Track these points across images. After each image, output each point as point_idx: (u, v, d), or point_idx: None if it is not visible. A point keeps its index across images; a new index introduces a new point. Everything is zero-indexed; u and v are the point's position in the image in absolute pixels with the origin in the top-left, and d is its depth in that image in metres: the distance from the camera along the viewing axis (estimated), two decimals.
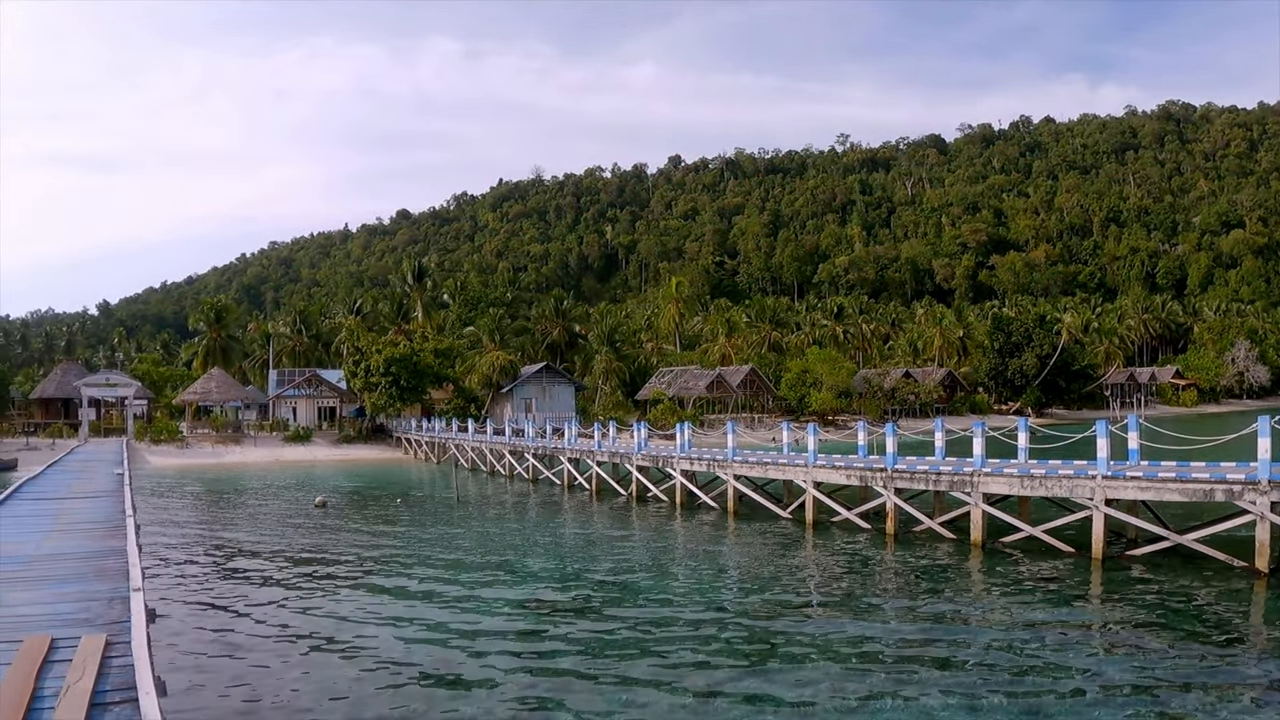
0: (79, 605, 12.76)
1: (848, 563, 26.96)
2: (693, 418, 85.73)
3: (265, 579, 26.02)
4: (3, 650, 10.28)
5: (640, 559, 28.83)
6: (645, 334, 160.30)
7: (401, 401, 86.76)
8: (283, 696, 15.27)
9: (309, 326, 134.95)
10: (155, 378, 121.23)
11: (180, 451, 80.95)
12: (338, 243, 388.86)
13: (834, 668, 16.13)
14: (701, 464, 40.51)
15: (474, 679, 16.03)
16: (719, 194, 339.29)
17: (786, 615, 20.36)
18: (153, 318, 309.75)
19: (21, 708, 8.25)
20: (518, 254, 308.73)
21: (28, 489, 31.96)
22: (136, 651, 9.76)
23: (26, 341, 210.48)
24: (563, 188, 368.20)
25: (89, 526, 21.52)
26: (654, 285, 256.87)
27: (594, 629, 19.41)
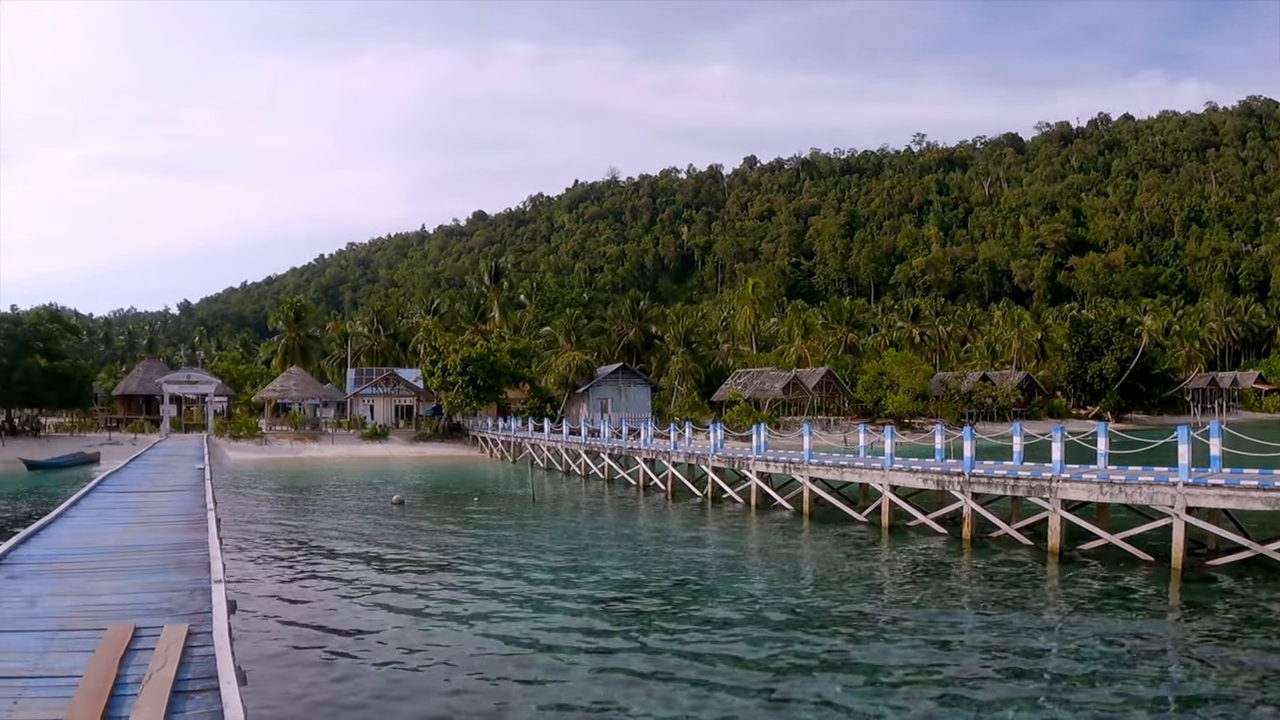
0: (161, 595, 12.88)
1: (923, 567, 26.78)
2: (768, 419, 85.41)
3: (343, 573, 26.24)
4: (87, 637, 10.41)
5: (715, 560, 28.79)
6: (721, 335, 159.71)
7: (478, 401, 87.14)
8: (358, 689, 15.38)
9: (386, 326, 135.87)
10: (235, 375, 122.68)
11: (259, 447, 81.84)
12: (415, 244, 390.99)
13: (907, 674, 15.99)
14: (777, 466, 40.30)
15: (547, 676, 16.06)
16: (795, 194, 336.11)
17: (860, 619, 20.24)
18: (232, 317, 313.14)
19: (105, 693, 8.35)
20: (594, 255, 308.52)
21: (110, 482, 32.34)
22: (218, 641, 9.83)
23: (109, 339, 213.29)
24: (638, 189, 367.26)
25: (171, 519, 21.76)
26: (730, 286, 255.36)
27: (668, 629, 19.40)
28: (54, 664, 9.53)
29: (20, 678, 9.06)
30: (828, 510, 37.44)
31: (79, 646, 10.11)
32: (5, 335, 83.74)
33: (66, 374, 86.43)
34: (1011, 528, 29.73)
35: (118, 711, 8.05)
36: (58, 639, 10.52)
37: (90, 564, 15.57)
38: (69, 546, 17.56)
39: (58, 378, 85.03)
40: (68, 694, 8.47)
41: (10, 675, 9.13)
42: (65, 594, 13.12)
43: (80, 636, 10.56)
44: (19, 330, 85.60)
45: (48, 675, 9.17)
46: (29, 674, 9.20)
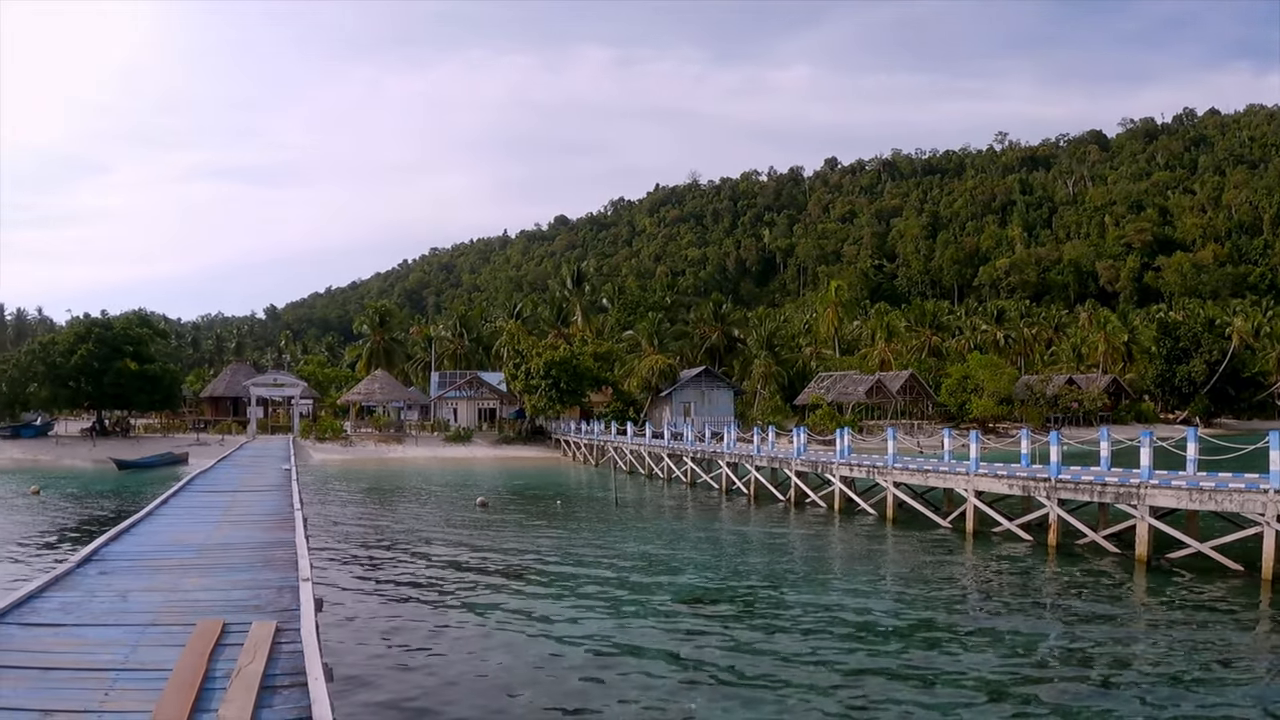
0: (250, 593, 13.05)
1: (1007, 574, 26.47)
2: (851, 423, 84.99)
3: (426, 574, 26.42)
4: (178, 632, 10.58)
5: (797, 565, 28.63)
6: (804, 338, 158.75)
7: (561, 404, 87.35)
8: (440, 687, 15.48)
9: (470, 330, 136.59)
10: (320, 378, 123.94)
11: (344, 449, 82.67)
12: (497, 248, 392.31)
13: (988, 683, 15.75)
14: (861, 470, 40.02)
15: (628, 678, 16.05)
16: (876, 196, 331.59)
17: (943, 627, 20.04)
18: (318, 321, 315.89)
19: (195, 686, 8.46)
20: (675, 258, 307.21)
21: (199, 482, 32.84)
22: (305, 638, 9.93)
23: (197, 343, 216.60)
24: (719, 192, 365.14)
25: (258, 518, 22.04)
26: (812, 289, 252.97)
27: (750, 633, 19.30)
28: (145, 657, 9.68)
29: (112, 670, 9.21)
30: (911, 516, 37.05)
31: (169, 641, 10.27)
32: (97, 340, 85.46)
33: (156, 377, 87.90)
34: (1098, 535, 29.29)
35: (207, 705, 8.16)
36: (149, 633, 10.70)
37: (180, 561, 15.84)
38: (160, 544, 17.87)
39: (147, 380, 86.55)
40: (158, 686, 8.59)
41: (102, 667, 9.29)
42: (156, 589, 13.35)
43: (171, 631, 10.73)
44: (110, 335, 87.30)
45: (139, 668, 9.31)
46: (120, 666, 9.35)
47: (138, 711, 8.02)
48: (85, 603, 12.42)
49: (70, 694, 8.51)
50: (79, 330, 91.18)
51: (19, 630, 10.81)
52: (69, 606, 12.15)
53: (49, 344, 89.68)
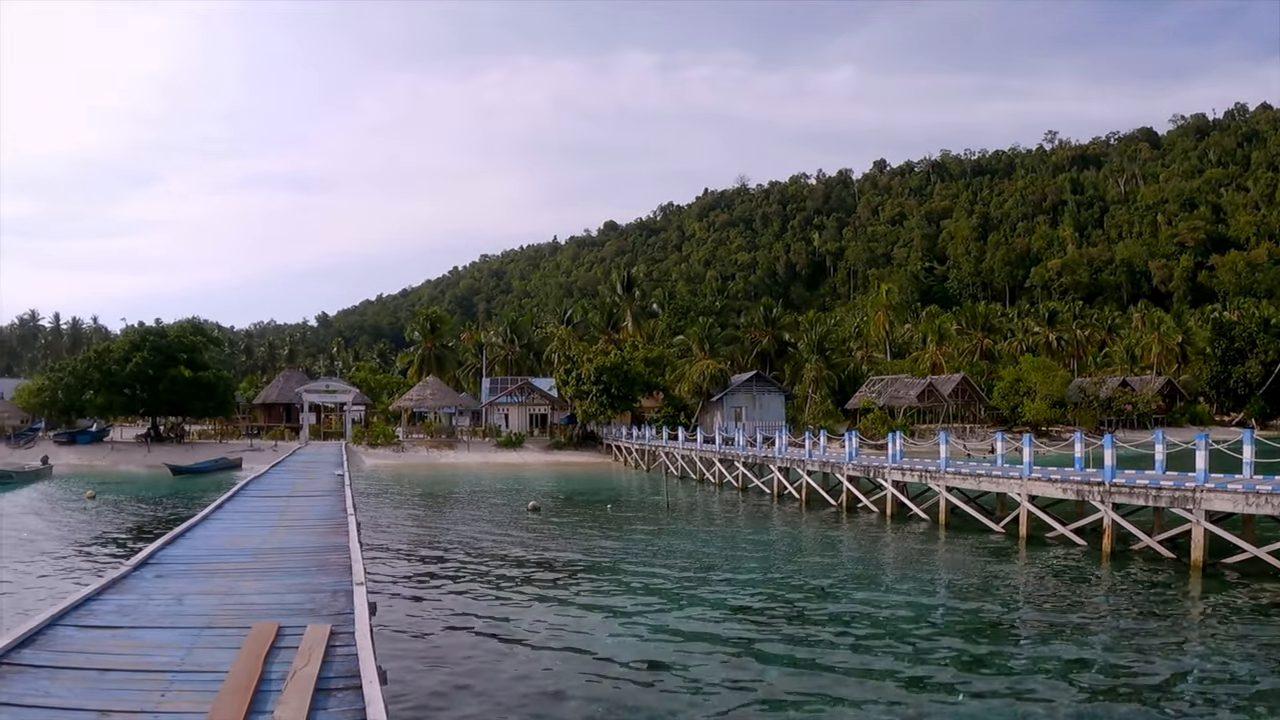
0: (304, 596, 13.13)
1: (1061, 580, 26.17)
2: (903, 427, 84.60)
3: (478, 578, 26.47)
4: (233, 635, 10.66)
5: (849, 569, 28.45)
6: (854, 342, 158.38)
7: (612, 409, 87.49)
8: (493, 690, 15.51)
9: (520, 336, 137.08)
10: (372, 385, 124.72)
11: (396, 455, 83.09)
12: (547, 254, 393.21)
13: (1042, 691, 15.57)
14: (913, 475, 39.73)
15: (679, 683, 16.01)
16: (926, 197, 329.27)
17: (995, 633, 19.89)
18: (369, 328, 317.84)
19: (251, 688, 8.52)
20: (725, 263, 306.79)
21: (253, 487, 33.09)
22: (360, 641, 10.00)
23: (250, 350, 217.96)
24: (768, 195, 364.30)
25: (312, 523, 22.19)
26: (863, 292, 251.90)
27: (800, 639, 19.24)
28: (200, 659, 9.76)
29: (168, 671, 9.30)
30: (964, 520, 36.85)
31: (224, 643, 10.35)
32: (152, 347, 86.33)
33: (210, 383, 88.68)
34: (1153, 540, 28.96)
35: (263, 706, 8.22)
36: (204, 635, 10.79)
37: (235, 565, 15.98)
38: (215, 548, 18.04)
39: (201, 387, 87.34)
40: (214, 688, 8.65)
41: (159, 669, 9.38)
42: (211, 593, 13.47)
43: (226, 634, 10.81)
44: (165, 343, 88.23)
45: (194, 670, 9.38)
46: (176, 668, 9.43)
47: (194, 713, 8.09)
48: (142, 605, 12.56)
49: (127, 695, 8.59)
50: (134, 338, 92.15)
51: (76, 632, 10.92)
52: (126, 609, 12.28)
53: (104, 352, 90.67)
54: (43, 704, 8.34)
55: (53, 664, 9.54)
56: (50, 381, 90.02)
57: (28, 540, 34.06)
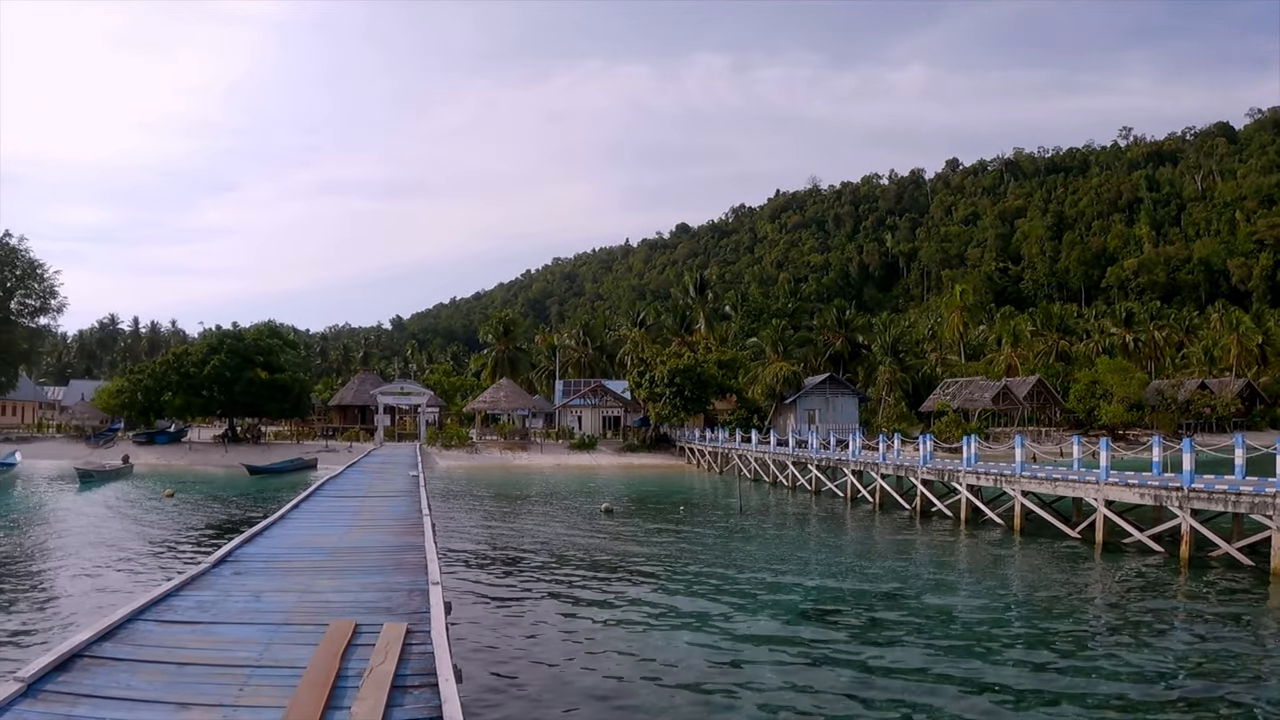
0: (380, 595, 13.24)
1: (1137, 588, 25.68)
2: (978, 430, 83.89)
3: (551, 578, 26.54)
4: (310, 631, 10.81)
5: (922, 574, 28.12)
6: (928, 344, 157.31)
7: (685, 411, 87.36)
8: (566, 690, 15.55)
9: (593, 338, 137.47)
10: (446, 387, 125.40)
11: (470, 456, 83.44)
12: (619, 257, 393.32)
13: (1114, 701, 15.34)
14: (988, 479, 39.22)
15: (749, 685, 15.97)
16: (999, 197, 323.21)
17: (1067, 641, 19.59)
18: (442, 331, 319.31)
19: (328, 684, 8.60)
20: (798, 264, 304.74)
21: (329, 488, 33.37)
22: (436, 640, 10.05)
23: (325, 353, 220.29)
24: (840, 196, 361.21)
25: (388, 523, 22.36)
26: (936, 293, 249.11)
27: (872, 643, 19.10)
28: (278, 655, 9.89)
29: (246, 666, 9.43)
30: (1039, 525, 36.38)
31: (302, 640, 10.50)
32: (229, 350, 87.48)
33: (286, 385, 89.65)
34: (1232, 547, 28.49)
35: (340, 702, 8.31)
36: (282, 632, 10.93)
37: (312, 563, 16.16)
38: (292, 546, 18.23)
39: (277, 389, 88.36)
40: (292, 683, 8.76)
41: (237, 664, 9.51)
42: (289, 590, 13.63)
43: (303, 630, 10.96)
44: (242, 345, 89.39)
45: (272, 665, 9.51)
46: (254, 663, 9.56)
47: (272, 707, 8.18)
48: (220, 602, 12.73)
49: (206, 689, 8.72)
50: (212, 341, 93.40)
51: (156, 627, 11.10)
52: (205, 605, 12.46)
53: (183, 354, 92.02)
54: (123, 696, 8.48)
55: (133, 658, 9.70)
56: (130, 383, 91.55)
57: (109, 537, 34.57)
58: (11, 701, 8.21)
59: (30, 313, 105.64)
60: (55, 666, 9.20)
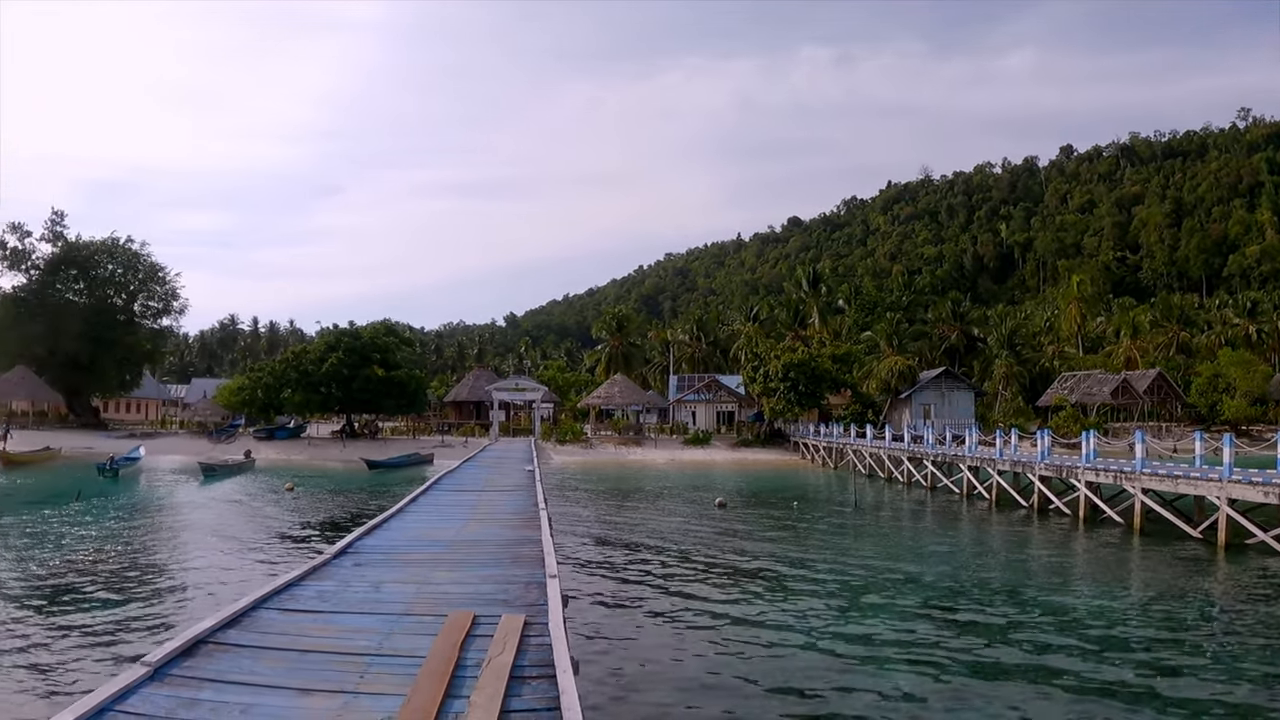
0: (498, 587, 13.31)
1: (1261, 593, 24.65)
2: (1096, 425, 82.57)
3: (666, 572, 26.58)
4: (429, 622, 10.92)
5: (1037, 574, 27.55)
6: (1045, 336, 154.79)
7: (799, 406, 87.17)
8: (681, 684, 15.55)
9: (707, 334, 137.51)
10: (560, 383, 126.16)
11: (584, 451, 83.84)
12: (731, 252, 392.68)
13: (1236, 710, 14.88)
14: (1107, 475, 38.28)
15: (863, 684, 15.82)
16: (1116, 183, 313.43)
17: (1188, 646, 19.00)
18: (555, 327, 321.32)
19: (447, 674, 8.67)
20: (911, 256, 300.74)
21: (446, 482, 33.71)
22: (553, 632, 10.10)
23: (440, 350, 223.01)
24: (952, 186, 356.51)
25: (504, 517, 22.51)
26: (1052, 285, 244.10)
27: (985, 643, 18.83)
28: (398, 644, 9.99)
29: (367, 655, 9.54)
30: (1160, 524, 35.50)
31: (421, 630, 10.59)
32: (347, 348, 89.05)
33: (402, 382, 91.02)
34: None
35: (459, 691, 8.37)
36: (401, 622, 11.04)
37: (430, 555, 16.33)
38: (410, 539, 18.43)
39: (394, 386, 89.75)
40: (411, 672, 8.85)
41: (358, 652, 9.63)
42: (408, 581, 13.76)
43: (423, 621, 11.06)
44: (359, 343, 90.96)
45: (392, 654, 9.61)
46: (375, 652, 9.67)
47: (392, 695, 8.27)
48: (340, 592, 12.92)
49: (327, 675, 8.85)
50: (329, 340, 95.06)
51: (279, 615, 11.30)
52: (325, 595, 12.65)
53: (301, 353, 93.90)
54: (246, 681, 8.64)
55: (256, 644, 9.87)
56: (250, 381, 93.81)
57: (231, 528, 35.31)
58: (138, 685, 8.40)
59: (153, 314, 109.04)
60: (181, 652, 9.41)
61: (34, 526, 35.08)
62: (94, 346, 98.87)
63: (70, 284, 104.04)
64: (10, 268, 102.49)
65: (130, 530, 34.86)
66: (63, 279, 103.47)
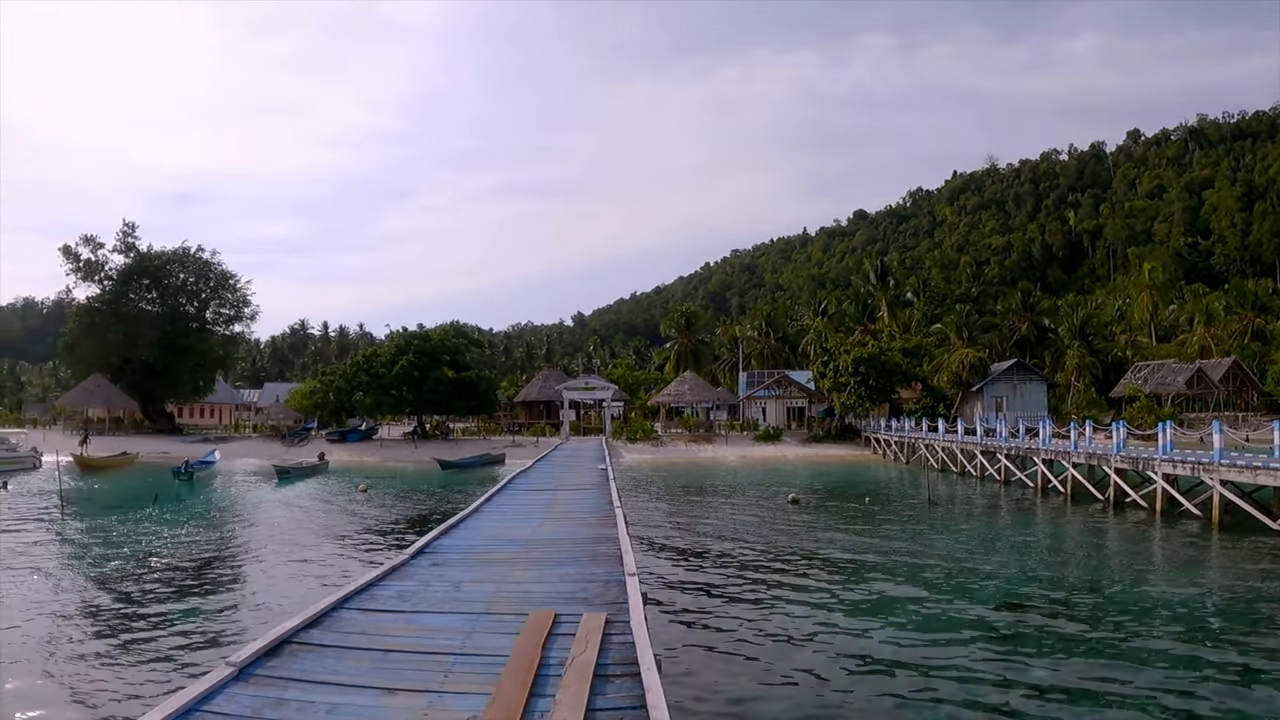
0: (577, 586, 13.37)
1: None
2: (1171, 416, 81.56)
3: (741, 569, 26.52)
4: (510, 621, 11.01)
5: (1115, 570, 27.00)
6: (1117, 326, 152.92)
7: (870, 401, 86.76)
8: (760, 682, 15.55)
9: (775, 329, 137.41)
10: (629, 381, 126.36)
11: (655, 449, 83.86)
12: (797, 246, 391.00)
13: None
14: (1185, 467, 37.48)
15: (942, 681, 15.71)
16: (1185, 167, 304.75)
17: (1269, 648, 18.38)
18: (623, 326, 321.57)
19: (531, 672, 8.71)
20: (978, 247, 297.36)
21: (520, 481, 33.90)
22: (635, 630, 10.14)
23: (509, 351, 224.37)
24: (1019, 175, 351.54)
25: (579, 515, 22.61)
26: (1123, 273, 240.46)
27: (1064, 642, 18.51)
28: (480, 643, 10.07)
29: (449, 654, 9.63)
30: (1239, 518, 34.69)
31: (502, 629, 10.69)
32: (417, 350, 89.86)
33: (472, 383, 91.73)
34: None
35: (543, 690, 8.43)
36: (482, 621, 11.14)
37: (508, 554, 16.45)
38: (487, 538, 18.59)
39: (464, 387, 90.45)
40: (494, 671, 8.92)
41: (440, 651, 9.74)
42: (487, 581, 13.89)
43: (503, 620, 11.16)
44: (429, 345, 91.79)
45: (475, 653, 9.69)
46: (457, 651, 9.76)
47: (476, 693, 8.33)
48: (420, 591, 13.05)
49: (411, 674, 8.94)
50: (399, 343, 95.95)
51: (360, 615, 11.44)
52: (405, 594, 12.78)
53: (372, 356, 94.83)
54: (331, 680, 8.76)
55: (339, 644, 10.00)
56: (322, 384, 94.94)
57: (308, 529, 35.62)
58: (224, 685, 8.53)
59: (225, 321, 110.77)
60: (265, 652, 9.55)
61: (115, 529, 35.66)
62: (167, 354, 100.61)
63: (143, 293, 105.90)
64: (84, 279, 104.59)
65: (208, 532, 35.28)
66: (136, 289, 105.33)
